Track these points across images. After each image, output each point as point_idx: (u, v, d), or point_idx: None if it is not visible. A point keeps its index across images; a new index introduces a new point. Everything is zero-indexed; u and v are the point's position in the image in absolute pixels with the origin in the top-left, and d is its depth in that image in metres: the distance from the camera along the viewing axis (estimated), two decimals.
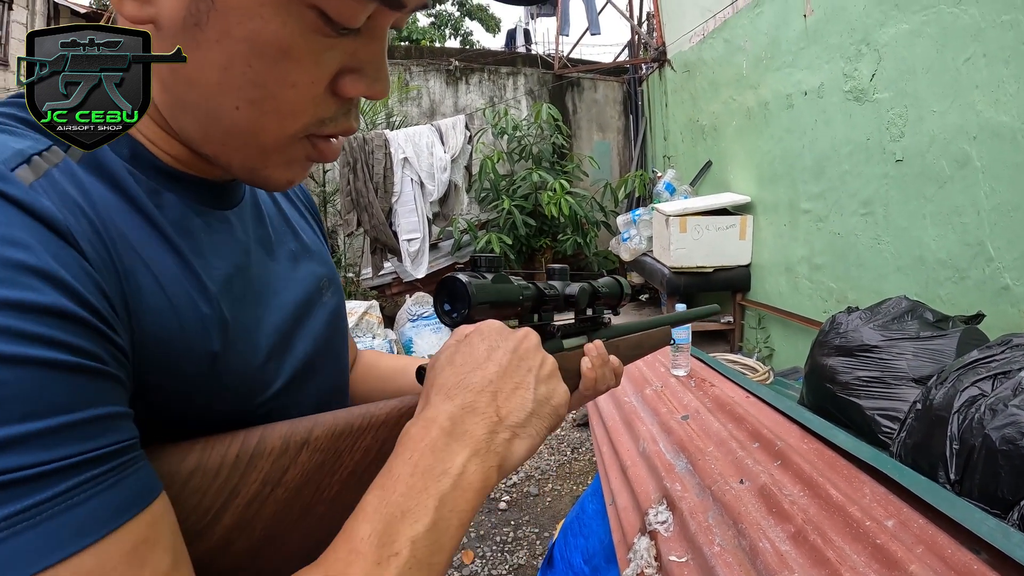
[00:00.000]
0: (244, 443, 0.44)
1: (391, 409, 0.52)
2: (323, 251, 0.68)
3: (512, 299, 0.59)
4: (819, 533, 1.07)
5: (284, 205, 0.65)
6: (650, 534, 1.34)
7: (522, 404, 0.48)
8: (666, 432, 1.67)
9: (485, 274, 0.58)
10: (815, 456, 1.32)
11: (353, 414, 0.50)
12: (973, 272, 2.51)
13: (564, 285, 0.70)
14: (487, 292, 0.55)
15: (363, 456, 0.49)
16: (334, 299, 0.65)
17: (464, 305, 0.54)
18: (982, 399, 1.17)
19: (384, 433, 0.50)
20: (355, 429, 0.49)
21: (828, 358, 1.87)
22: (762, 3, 4.21)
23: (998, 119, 2.36)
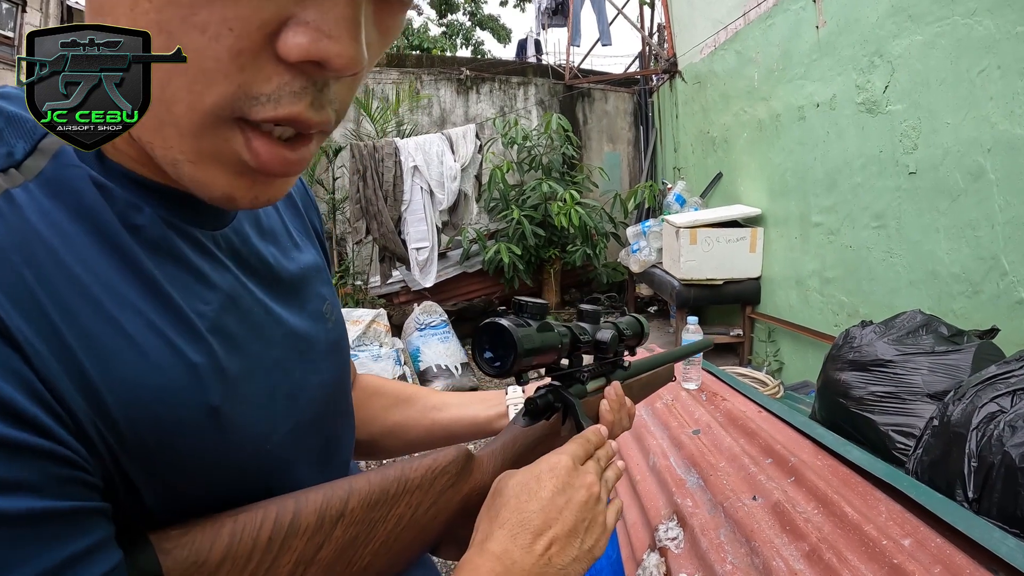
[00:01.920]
0: (277, 521, 0.41)
1: (426, 470, 0.50)
2: (323, 267, 0.62)
3: (554, 348, 0.58)
4: (834, 552, 1.05)
5: (286, 215, 0.59)
6: (660, 551, 1.32)
7: (571, 555, 0.50)
8: (677, 446, 1.65)
9: (529, 320, 0.56)
10: (829, 473, 1.29)
11: (388, 479, 0.47)
12: (987, 286, 2.47)
13: (595, 329, 0.70)
14: (532, 341, 0.53)
15: (396, 524, 0.46)
16: (336, 326, 0.60)
17: (510, 353, 0.52)
18: (1001, 415, 1.15)
19: (418, 498, 0.48)
20: (390, 497, 0.47)
21: (841, 373, 1.84)
22: (774, 15, 4.20)
23: (1013, 131, 2.33)
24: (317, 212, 0.68)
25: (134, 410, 0.35)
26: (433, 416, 0.81)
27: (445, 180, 5.66)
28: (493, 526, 0.49)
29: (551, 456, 0.55)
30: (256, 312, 0.47)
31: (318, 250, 0.63)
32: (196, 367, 0.39)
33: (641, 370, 0.84)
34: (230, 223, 0.48)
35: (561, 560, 0.49)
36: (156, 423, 0.36)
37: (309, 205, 0.66)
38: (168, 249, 0.41)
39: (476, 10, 17.88)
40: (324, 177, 6.72)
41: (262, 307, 0.48)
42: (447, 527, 0.51)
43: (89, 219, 0.37)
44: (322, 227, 0.68)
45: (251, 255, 0.49)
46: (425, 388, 0.89)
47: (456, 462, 0.52)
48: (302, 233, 0.61)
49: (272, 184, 0.40)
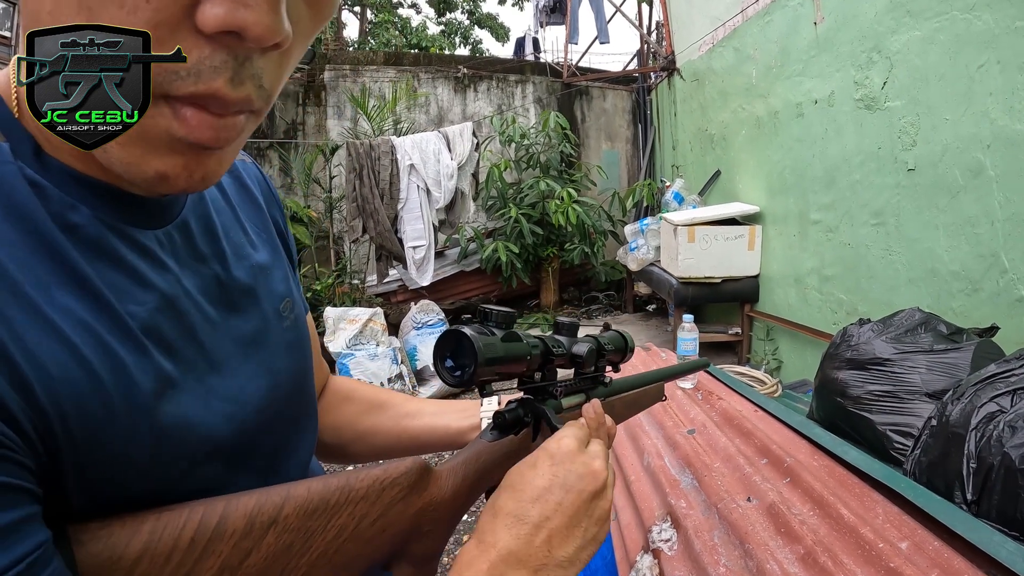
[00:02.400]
0: (202, 522, 0.39)
1: (372, 481, 0.47)
2: (281, 265, 0.61)
3: (520, 359, 0.55)
4: (830, 555, 1.02)
5: (243, 211, 0.59)
6: (653, 552, 1.30)
7: (573, 545, 0.49)
8: (672, 446, 1.63)
9: (494, 329, 0.54)
10: (826, 474, 1.27)
11: (330, 487, 0.45)
12: (987, 284, 2.45)
13: (571, 343, 0.67)
14: (495, 350, 0.51)
15: (336, 535, 0.43)
16: (295, 325, 0.59)
17: (470, 363, 0.50)
18: (1001, 415, 1.12)
19: (363, 509, 0.45)
20: (330, 506, 0.44)
21: (839, 371, 1.82)
22: (772, 11, 4.18)
23: (1013, 127, 2.31)
24: (280, 208, 0.67)
25: (64, 406, 0.35)
26: (404, 424, 0.79)
27: (442, 178, 5.63)
28: (492, 518, 0.48)
29: (551, 441, 0.53)
30: (194, 314, 0.47)
31: (279, 247, 0.63)
32: (126, 366, 0.39)
33: (624, 388, 0.81)
34: (174, 220, 0.48)
35: (563, 552, 0.48)
36: (85, 420, 0.36)
37: (271, 200, 0.65)
38: (104, 249, 0.41)
39: (474, 8, 17.85)
40: (321, 176, 6.70)
41: (202, 308, 0.48)
42: (398, 542, 0.48)
43: (21, 218, 0.37)
44: (285, 223, 0.67)
45: (197, 254, 0.49)
46: (402, 395, 0.85)
47: (408, 475, 0.49)
48: (260, 229, 0.60)
49: (206, 160, 0.39)
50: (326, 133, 7.03)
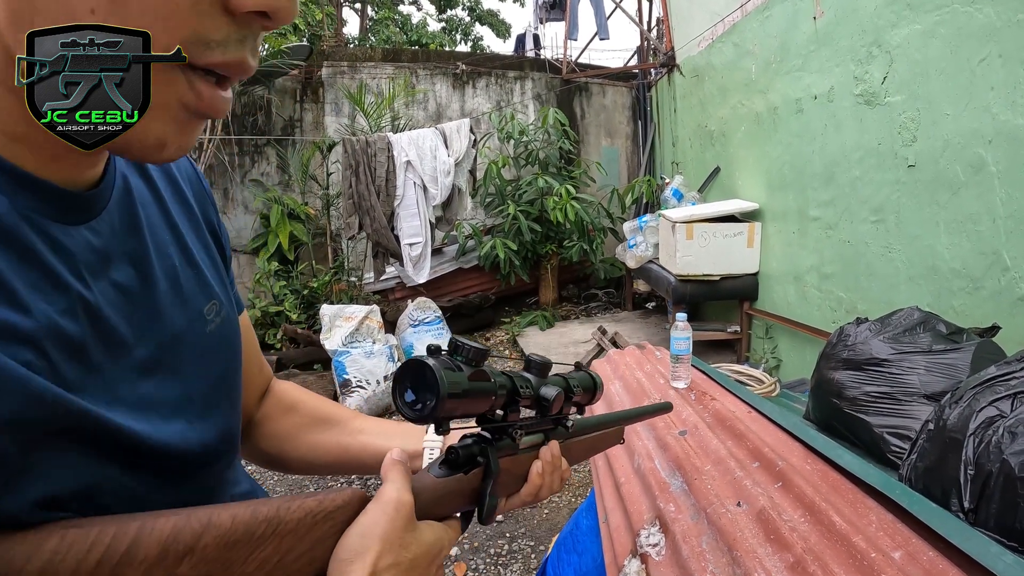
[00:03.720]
0: (111, 547, 0.36)
1: (305, 514, 0.44)
2: (212, 265, 0.60)
3: (485, 397, 0.53)
4: (820, 564, 0.98)
5: (171, 203, 0.57)
6: (641, 557, 1.27)
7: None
8: (662, 448, 1.59)
9: (463, 364, 0.51)
10: (819, 478, 1.23)
11: (257, 517, 0.41)
12: (988, 282, 2.40)
13: (540, 383, 0.64)
14: (460, 386, 0.48)
15: (258, 568, 0.41)
16: (221, 328, 0.57)
17: (431, 398, 0.47)
18: (1000, 420, 1.08)
19: (290, 543, 0.42)
20: (255, 538, 0.41)
21: (835, 372, 1.78)
22: (771, 6, 4.13)
23: (1015, 122, 2.26)
24: (214, 206, 0.65)
25: None
26: (346, 442, 0.77)
27: (438, 175, 5.60)
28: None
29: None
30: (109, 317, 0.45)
31: (210, 246, 0.61)
32: (30, 364, 0.37)
33: (585, 429, 0.79)
34: (97, 215, 0.47)
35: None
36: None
37: (203, 198, 0.64)
38: (19, 243, 0.39)
39: (475, 5, 17.79)
40: (318, 172, 6.67)
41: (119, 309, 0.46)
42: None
43: None
44: (219, 221, 0.66)
45: (118, 252, 0.48)
46: (348, 411, 0.82)
47: (345, 509, 0.46)
48: (190, 227, 0.59)
49: (194, 131, 0.42)
50: (324, 130, 6.99)
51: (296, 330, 5.40)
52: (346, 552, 0.44)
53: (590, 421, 0.81)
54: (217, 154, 6.23)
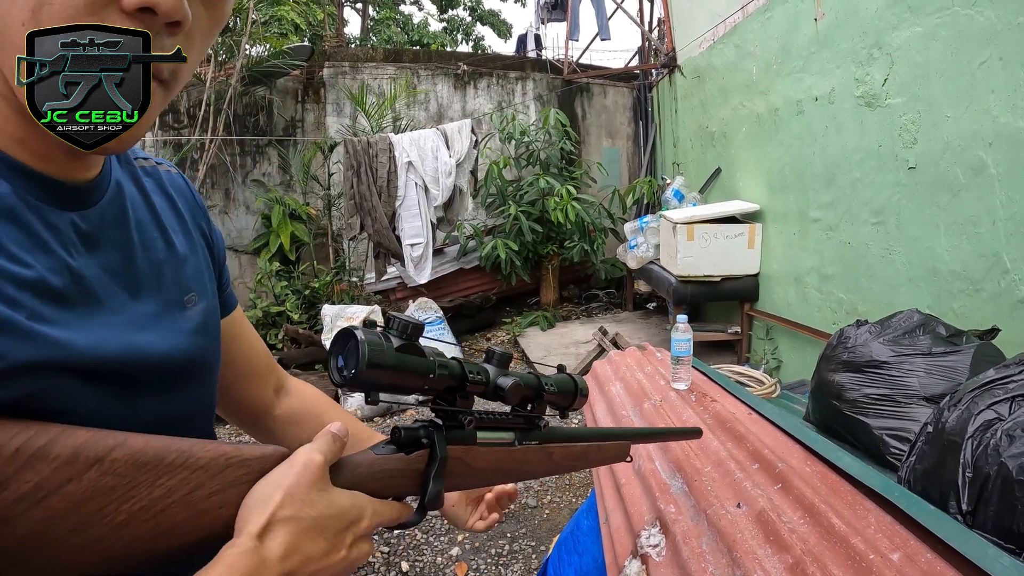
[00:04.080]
0: (29, 440, 0.40)
1: (218, 455, 0.46)
2: (198, 264, 0.65)
3: (414, 372, 0.53)
4: (819, 565, 0.99)
5: (162, 210, 0.63)
6: (641, 558, 1.27)
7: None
8: (663, 449, 1.60)
9: (393, 336, 0.52)
10: (818, 480, 1.24)
11: (171, 448, 0.45)
12: (988, 284, 2.41)
13: (498, 373, 0.63)
14: (383, 356, 0.49)
15: (164, 494, 0.43)
16: (199, 316, 0.62)
17: (353, 365, 0.49)
18: (999, 423, 1.09)
19: (200, 478, 0.45)
20: (163, 464, 0.44)
21: (835, 374, 1.78)
22: (772, 7, 4.13)
23: (1015, 124, 2.27)
24: (206, 217, 0.72)
25: None
26: None
27: (440, 176, 5.61)
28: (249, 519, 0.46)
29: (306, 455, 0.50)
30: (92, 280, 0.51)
31: (197, 249, 0.67)
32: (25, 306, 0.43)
33: (569, 437, 0.77)
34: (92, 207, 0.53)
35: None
36: None
37: (196, 209, 0.70)
38: (18, 219, 0.45)
39: (477, 5, 17.79)
40: (320, 173, 6.68)
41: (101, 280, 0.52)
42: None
43: None
44: (212, 230, 0.72)
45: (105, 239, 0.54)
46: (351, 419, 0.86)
47: (263, 460, 0.49)
48: (178, 231, 0.64)
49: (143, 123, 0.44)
50: (325, 130, 7.01)
51: (297, 330, 5.42)
52: (252, 499, 0.46)
53: (582, 432, 0.80)
54: (219, 154, 6.24)
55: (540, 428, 0.72)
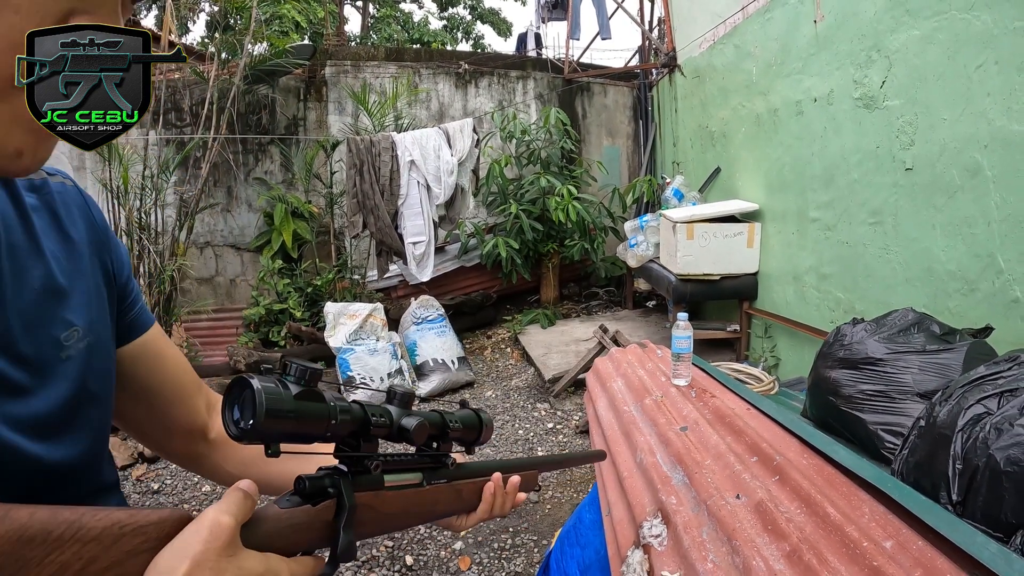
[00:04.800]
0: None
1: (111, 524, 0.42)
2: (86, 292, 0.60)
3: (317, 420, 0.51)
4: (815, 553, 1.03)
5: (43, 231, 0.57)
6: (643, 547, 1.32)
7: None
8: (664, 443, 1.64)
9: (291, 383, 0.49)
10: (814, 472, 1.28)
11: (57, 518, 0.40)
12: (983, 284, 2.46)
13: (402, 414, 0.62)
14: (282, 404, 0.47)
15: (57, 571, 0.39)
16: (84, 354, 0.57)
17: (250, 415, 0.46)
18: (987, 417, 1.13)
19: (93, 551, 0.41)
20: (52, 538, 0.39)
21: (832, 370, 1.83)
22: (772, 8, 4.17)
23: (1010, 128, 2.31)
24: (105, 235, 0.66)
25: None
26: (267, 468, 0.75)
27: (442, 174, 5.65)
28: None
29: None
30: None
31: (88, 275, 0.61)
32: None
33: (476, 472, 0.76)
34: None
35: None
36: None
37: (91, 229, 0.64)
38: None
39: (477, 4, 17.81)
40: (322, 171, 6.71)
41: None
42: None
43: None
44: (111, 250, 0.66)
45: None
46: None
47: (160, 525, 0.44)
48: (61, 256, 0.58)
49: (48, 142, 0.43)
50: (327, 128, 7.04)
51: (300, 328, 5.46)
52: (155, 571, 0.42)
53: (485, 466, 0.78)
54: (221, 152, 6.27)
55: (448, 466, 0.71)
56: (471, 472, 0.75)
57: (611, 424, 1.94)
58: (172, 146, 6.31)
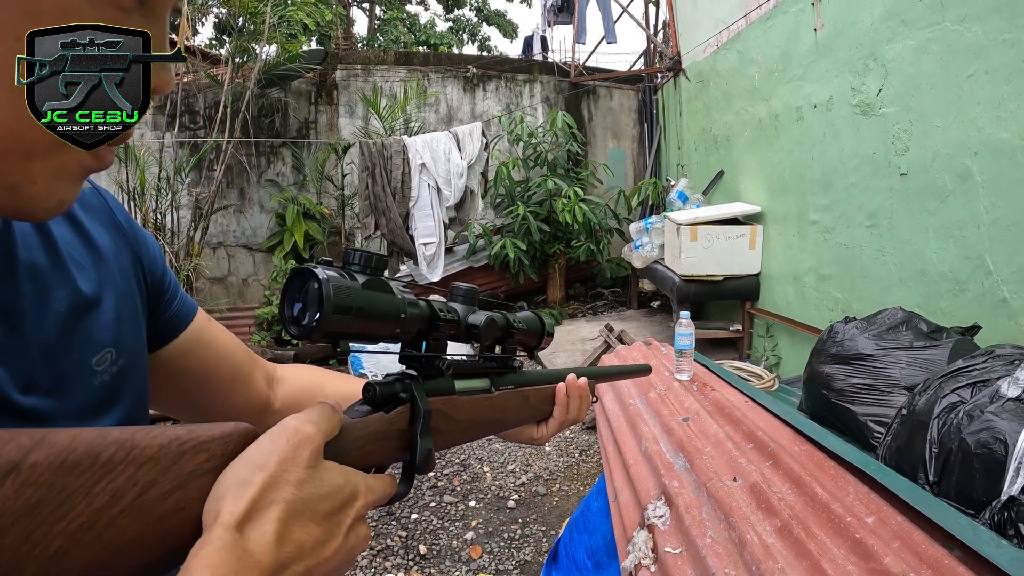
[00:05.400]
0: None
1: (168, 441, 0.37)
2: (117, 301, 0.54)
3: (388, 314, 0.46)
4: (803, 527, 1.14)
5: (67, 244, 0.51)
6: (648, 527, 1.42)
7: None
8: (667, 433, 1.75)
9: (357, 274, 0.45)
10: (805, 457, 1.39)
11: (106, 440, 0.34)
12: (973, 285, 2.56)
13: (468, 311, 0.58)
14: (351, 298, 0.42)
15: (108, 502, 0.33)
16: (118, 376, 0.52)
17: (316, 309, 0.41)
18: (961, 405, 1.24)
19: (150, 474, 0.35)
20: (101, 462, 0.34)
21: (825, 366, 1.94)
22: (774, 16, 4.28)
23: (999, 135, 2.42)
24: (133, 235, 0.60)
25: None
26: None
27: (452, 177, 5.77)
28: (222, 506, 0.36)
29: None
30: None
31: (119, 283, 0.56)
32: None
33: (541, 380, 0.72)
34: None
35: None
36: None
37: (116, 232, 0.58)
38: None
39: (483, 6, 17.92)
40: (333, 174, 6.83)
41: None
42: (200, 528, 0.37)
43: None
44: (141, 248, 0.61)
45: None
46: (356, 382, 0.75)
47: (225, 441, 0.39)
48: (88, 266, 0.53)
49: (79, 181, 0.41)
50: (338, 131, 7.17)
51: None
52: (223, 486, 0.37)
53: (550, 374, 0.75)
54: (235, 155, 6.41)
55: (515, 370, 0.67)
56: (537, 379, 0.71)
57: (617, 416, 2.05)
58: (187, 149, 6.43)
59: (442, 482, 3.50)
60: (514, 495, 3.31)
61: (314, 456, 0.40)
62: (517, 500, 3.27)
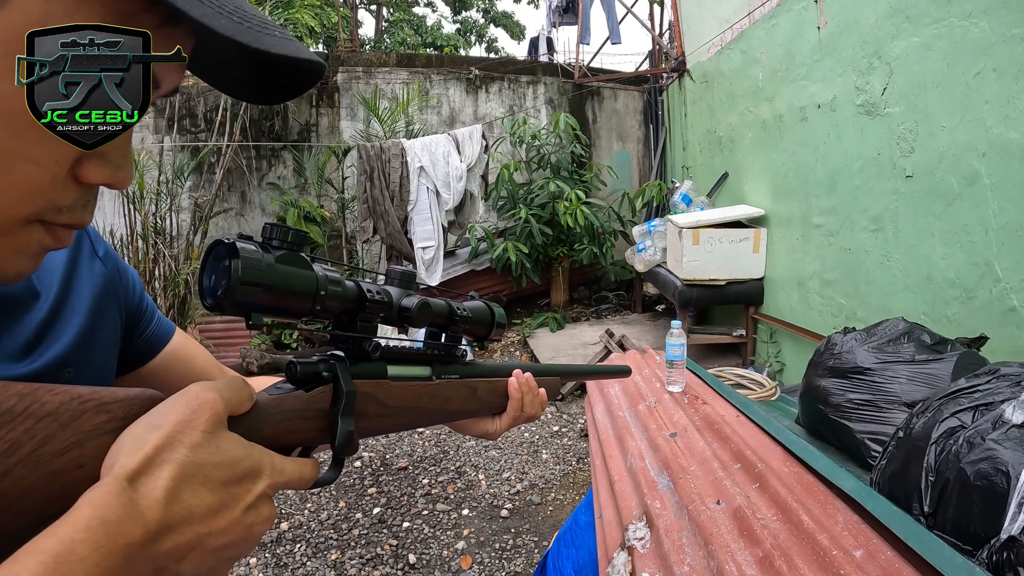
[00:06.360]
0: None
1: (70, 398, 0.38)
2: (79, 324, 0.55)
3: (302, 290, 0.45)
4: (785, 559, 1.07)
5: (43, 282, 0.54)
6: (628, 550, 1.35)
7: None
8: (653, 449, 1.68)
9: (274, 249, 0.44)
10: (794, 480, 1.31)
11: (8, 391, 0.36)
12: (980, 292, 2.46)
13: (403, 294, 0.57)
14: (260, 271, 0.42)
15: (7, 450, 0.35)
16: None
17: (224, 281, 0.41)
18: (961, 431, 1.15)
19: (48, 429, 0.36)
20: (1, 412, 0.35)
21: (822, 379, 1.85)
22: (777, 14, 4.19)
23: (1007, 136, 2.32)
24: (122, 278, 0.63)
25: None
26: None
27: (451, 180, 5.71)
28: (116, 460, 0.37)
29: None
30: None
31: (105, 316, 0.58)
32: None
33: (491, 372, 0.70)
34: None
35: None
36: None
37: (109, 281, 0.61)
38: None
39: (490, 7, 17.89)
40: (334, 176, 6.80)
41: None
42: None
43: None
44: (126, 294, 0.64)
45: None
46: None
47: (127, 403, 0.40)
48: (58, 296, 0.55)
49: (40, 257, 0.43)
50: (339, 134, 7.13)
51: (311, 330, 5.54)
52: (120, 443, 0.38)
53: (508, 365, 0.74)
54: (235, 158, 6.38)
55: (459, 359, 0.65)
56: (486, 371, 0.69)
57: (606, 428, 1.98)
58: (187, 152, 6.43)
59: (436, 489, 3.44)
60: (508, 504, 3.24)
61: (212, 422, 0.40)
62: (511, 509, 3.19)
